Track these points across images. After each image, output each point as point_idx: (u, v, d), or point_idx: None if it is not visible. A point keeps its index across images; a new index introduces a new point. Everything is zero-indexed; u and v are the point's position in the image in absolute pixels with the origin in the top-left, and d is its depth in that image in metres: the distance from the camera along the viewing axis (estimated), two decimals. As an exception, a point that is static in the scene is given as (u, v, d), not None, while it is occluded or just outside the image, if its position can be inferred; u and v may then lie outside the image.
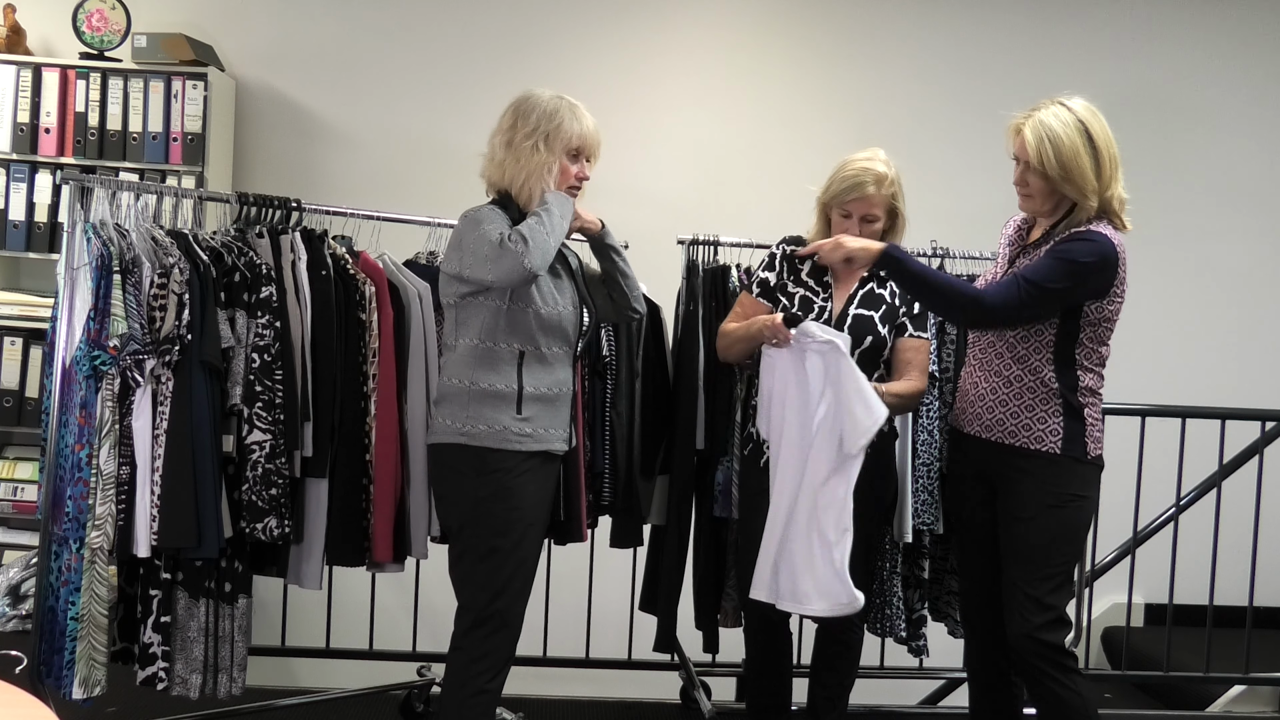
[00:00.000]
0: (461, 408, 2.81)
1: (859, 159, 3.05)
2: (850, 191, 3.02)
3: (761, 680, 3.26)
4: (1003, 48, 5.07)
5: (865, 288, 3.11)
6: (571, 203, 2.86)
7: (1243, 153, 5.18)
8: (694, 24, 5.07)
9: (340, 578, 3.70)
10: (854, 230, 3.03)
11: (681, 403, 3.46)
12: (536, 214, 2.78)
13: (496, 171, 2.90)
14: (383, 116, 4.96)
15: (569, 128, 2.86)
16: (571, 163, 2.89)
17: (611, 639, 4.07)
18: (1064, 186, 2.83)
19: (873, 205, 3.03)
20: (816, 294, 3.11)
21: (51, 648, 2.98)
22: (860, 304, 3.09)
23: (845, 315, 3.08)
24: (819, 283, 3.12)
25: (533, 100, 2.88)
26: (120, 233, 3.00)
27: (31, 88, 4.48)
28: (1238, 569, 4.06)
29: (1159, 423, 4.01)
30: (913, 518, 3.43)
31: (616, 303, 3.08)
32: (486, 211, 2.83)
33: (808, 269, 3.14)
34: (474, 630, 2.81)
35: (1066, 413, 2.88)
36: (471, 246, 2.75)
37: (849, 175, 3.03)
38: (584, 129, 2.89)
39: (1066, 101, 2.86)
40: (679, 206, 4.70)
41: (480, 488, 2.78)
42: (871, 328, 3.06)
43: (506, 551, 2.80)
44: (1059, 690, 2.84)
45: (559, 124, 2.85)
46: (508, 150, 2.87)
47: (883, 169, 3.03)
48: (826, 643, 3.19)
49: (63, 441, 2.99)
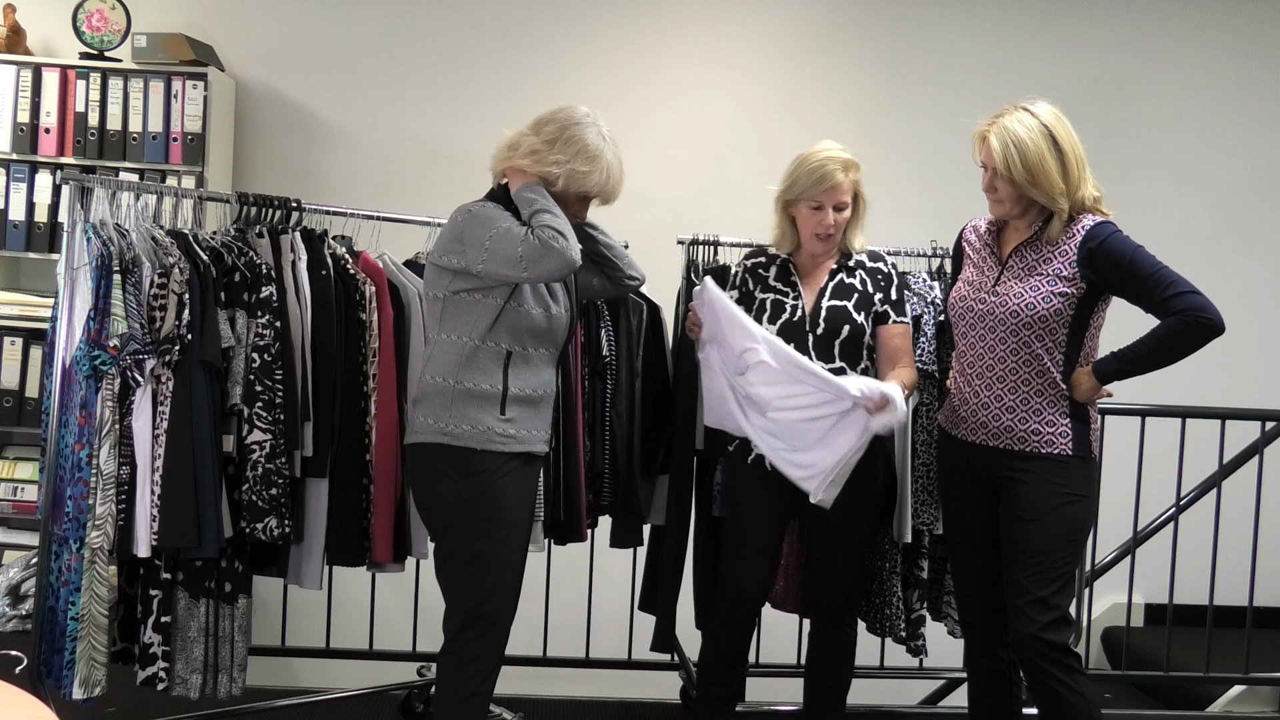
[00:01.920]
0: (444, 407, 2.79)
1: (819, 151, 3.06)
2: (822, 183, 3.02)
3: (722, 671, 3.23)
4: (1006, 45, 5.07)
5: (835, 279, 3.13)
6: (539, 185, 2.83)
7: (1244, 153, 5.19)
8: (694, 23, 5.07)
9: (340, 578, 3.70)
10: (827, 219, 3.03)
11: (681, 403, 3.46)
12: (546, 208, 2.75)
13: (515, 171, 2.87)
14: (383, 116, 4.96)
15: (594, 179, 2.84)
16: (577, 202, 2.89)
17: (611, 639, 4.07)
18: (1031, 191, 2.84)
19: (843, 193, 3.05)
20: (786, 295, 3.11)
21: (51, 648, 2.98)
22: (832, 295, 3.10)
23: (819, 309, 3.09)
24: (786, 283, 3.14)
25: (579, 129, 2.83)
26: (120, 233, 3.00)
27: (31, 88, 4.48)
28: (1238, 569, 4.06)
29: (1159, 423, 4.01)
30: (912, 518, 3.43)
31: (612, 277, 3.08)
32: (494, 210, 2.80)
33: (773, 273, 3.15)
34: (463, 633, 2.81)
35: (1073, 414, 2.90)
36: (492, 246, 2.72)
37: (815, 167, 3.03)
38: (609, 184, 2.88)
39: (1030, 106, 2.87)
40: (679, 206, 4.69)
41: (465, 489, 2.77)
42: (847, 317, 3.07)
43: (492, 554, 2.79)
44: (1062, 690, 2.84)
45: (587, 172, 2.83)
46: (530, 158, 2.84)
47: (845, 154, 3.06)
48: (821, 645, 3.19)
49: (63, 441, 2.99)
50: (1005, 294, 2.91)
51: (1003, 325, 2.91)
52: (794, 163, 3.10)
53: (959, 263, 3.16)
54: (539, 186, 2.82)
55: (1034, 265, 2.90)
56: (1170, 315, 2.79)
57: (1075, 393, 2.90)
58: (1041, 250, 2.91)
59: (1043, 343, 2.88)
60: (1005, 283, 2.93)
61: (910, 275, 3.57)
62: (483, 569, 2.79)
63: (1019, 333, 2.89)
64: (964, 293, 3.02)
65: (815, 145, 3.10)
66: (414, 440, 2.86)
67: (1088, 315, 2.90)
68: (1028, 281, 2.89)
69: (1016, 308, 2.88)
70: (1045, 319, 2.86)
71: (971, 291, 3.00)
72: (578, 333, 3.33)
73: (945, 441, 3.12)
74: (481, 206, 2.83)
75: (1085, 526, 2.97)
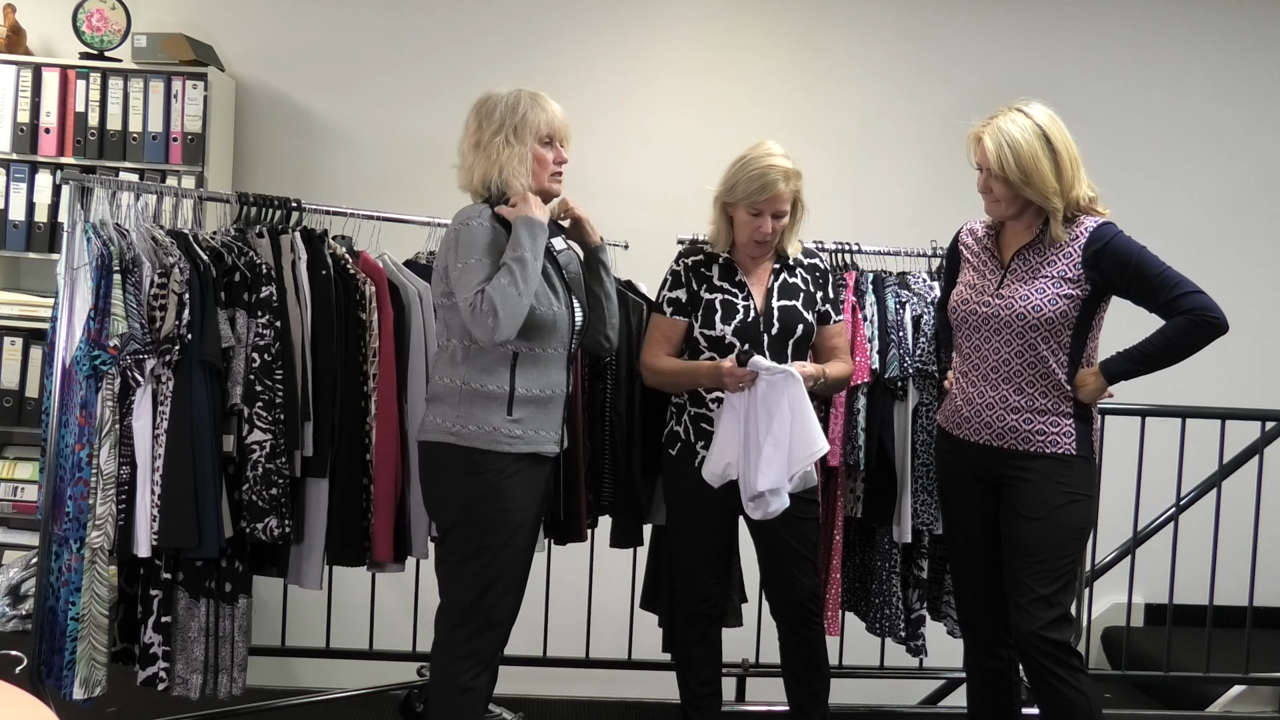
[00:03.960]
0: (452, 407, 2.80)
1: (761, 156, 3.04)
2: (763, 191, 3.01)
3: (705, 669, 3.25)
4: (1010, 44, 5.08)
5: (779, 279, 3.13)
6: (541, 221, 2.77)
7: (1244, 153, 5.19)
8: (693, 23, 5.07)
9: (340, 578, 3.70)
10: (765, 226, 3.03)
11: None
12: (508, 266, 2.69)
13: (467, 176, 2.88)
14: (383, 116, 4.96)
15: (534, 117, 2.84)
16: (545, 150, 2.87)
17: (611, 639, 4.07)
18: (1026, 190, 2.86)
19: (783, 201, 3.04)
20: (735, 295, 3.10)
21: (52, 648, 2.99)
22: (780, 295, 3.11)
23: (770, 310, 3.09)
24: (733, 283, 3.12)
25: (493, 99, 2.87)
26: (120, 233, 3.00)
27: (31, 88, 4.48)
28: (1238, 569, 4.06)
29: (1159, 423, 4.01)
30: (912, 518, 3.44)
31: (592, 324, 3.04)
32: (480, 233, 2.75)
33: (717, 273, 3.14)
34: (458, 628, 2.81)
35: (1077, 414, 2.92)
36: (457, 277, 2.73)
37: (756, 174, 3.01)
38: (550, 115, 2.87)
39: (1024, 107, 2.89)
40: (679, 206, 4.67)
41: (470, 488, 2.78)
42: (799, 316, 3.10)
43: (495, 550, 2.79)
44: (1064, 689, 2.84)
45: (523, 115, 2.83)
46: (477, 151, 2.85)
47: (787, 163, 3.03)
48: (796, 645, 3.17)
49: (63, 441, 2.99)
50: (1010, 296, 2.91)
51: (1008, 328, 2.91)
52: (735, 165, 3.08)
53: (955, 265, 3.16)
54: (535, 226, 2.75)
55: (1037, 267, 2.91)
56: (1176, 315, 2.81)
57: (1081, 393, 2.91)
58: (1044, 252, 2.91)
59: (1048, 344, 2.89)
60: (1009, 285, 2.93)
61: (910, 275, 3.58)
62: (484, 566, 2.79)
63: (1024, 335, 2.89)
64: (966, 295, 3.02)
65: (757, 148, 3.07)
66: (424, 439, 2.88)
67: (1091, 316, 2.91)
68: (1032, 284, 2.90)
69: (1022, 310, 2.88)
70: (1051, 321, 2.87)
71: (974, 295, 3.00)
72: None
73: (946, 442, 3.12)
74: (467, 227, 2.77)
75: (1087, 526, 2.98)
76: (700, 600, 3.18)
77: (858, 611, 3.63)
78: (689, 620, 3.22)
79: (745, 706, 3.92)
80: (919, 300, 3.49)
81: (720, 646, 3.27)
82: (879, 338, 3.45)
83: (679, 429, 3.15)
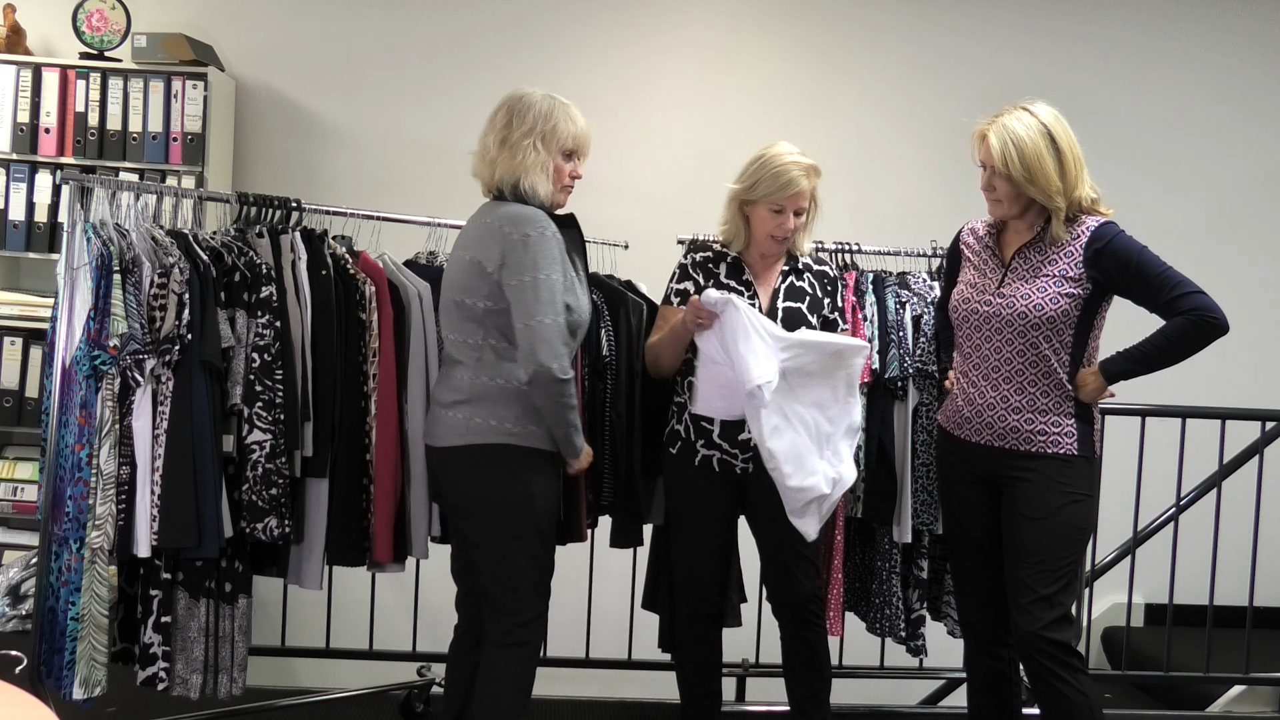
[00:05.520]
0: (508, 407, 2.81)
1: (782, 154, 3.05)
2: (787, 188, 3.02)
3: (704, 671, 3.27)
4: (1011, 45, 5.08)
5: (786, 281, 3.15)
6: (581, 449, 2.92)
7: (1244, 153, 5.19)
8: (693, 22, 5.07)
9: (340, 578, 3.70)
10: (787, 223, 3.04)
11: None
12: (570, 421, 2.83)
13: (488, 170, 2.90)
14: (383, 116, 4.96)
15: (565, 129, 2.88)
16: (565, 162, 2.91)
17: (611, 639, 4.08)
18: (1029, 189, 2.86)
19: (804, 198, 3.07)
20: (741, 294, 3.11)
21: (51, 648, 2.98)
22: (786, 297, 3.13)
23: (775, 310, 3.10)
24: (740, 282, 3.14)
25: (527, 100, 2.89)
26: (120, 233, 3.00)
27: (31, 88, 4.48)
28: (1238, 569, 4.06)
29: (1159, 423, 4.01)
30: (912, 518, 3.44)
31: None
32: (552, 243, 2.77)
33: (724, 270, 3.15)
34: (534, 622, 2.90)
35: (1078, 414, 2.92)
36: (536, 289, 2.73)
37: (780, 171, 3.03)
38: (578, 130, 2.91)
39: (1029, 106, 2.90)
40: (678, 205, 4.69)
41: (537, 487, 2.84)
42: (802, 318, 3.10)
43: (551, 545, 2.94)
44: (1065, 689, 2.84)
45: (555, 125, 2.87)
46: (502, 148, 2.87)
47: (808, 160, 3.06)
48: (797, 646, 3.18)
49: (63, 441, 2.99)
50: (1011, 296, 2.91)
51: (1009, 327, 2.91)
52: (755, 162, 3.09)
53: (955, 265, 3.16)
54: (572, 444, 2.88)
55: (1039, 266, 2.91)
56: (1177, 315, 2.81)
57: (1081, 392, 2.91)
58: (1046, 251, 2.91)
59: (1049, 343, 2.89)
60: (1010, 284, 2.93)
61: (910, 275, 3.58)
62: (550, 562, 2.93)
63: (1026, 334, 2.89)
64: (967, 295, 3.02)
65: (774, 146, 3.09)
66: (472, 441, 2.83)
67: (1092, 315, 2.91)
68: (1034, 283, 2.90)
69: (1024, 309, 2.88)
70: (1053, 320, 2.87)
71: (975, 294, 3.00)
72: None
73: (946, 442, 3.12)
74: (543, 237, 2.76)
75: (1088, 526, 2.98)
76: (700, 600, 3.19)
77: (858, 611, 3.63)
78: (689, 620, 3.22)
79: (745, 706, 3.92)
80: (919, 300, 3.49)
81: (720, 647, 3.28)
82: (879, 338, 3.45)
83: (679, 428, 3.15)
